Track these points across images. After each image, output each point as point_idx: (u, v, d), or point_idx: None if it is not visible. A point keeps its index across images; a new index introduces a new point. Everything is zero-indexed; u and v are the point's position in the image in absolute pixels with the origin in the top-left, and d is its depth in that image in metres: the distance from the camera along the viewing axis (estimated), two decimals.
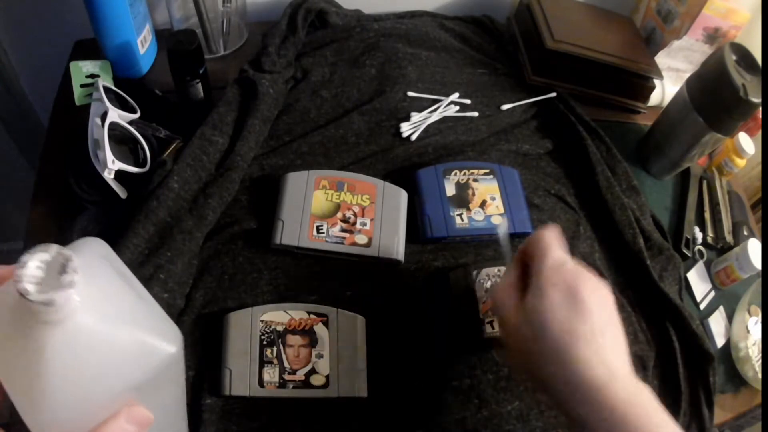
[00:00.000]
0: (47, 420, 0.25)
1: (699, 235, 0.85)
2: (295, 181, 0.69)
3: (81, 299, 0.24)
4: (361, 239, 0.67)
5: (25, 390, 0.25)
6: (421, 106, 0.85)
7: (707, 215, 0.89)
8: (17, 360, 0.25)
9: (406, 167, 0.78)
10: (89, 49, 0.82)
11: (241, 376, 0.56)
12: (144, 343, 0.27)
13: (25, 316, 0.24)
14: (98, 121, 0.65)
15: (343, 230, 0.67)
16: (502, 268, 0.66)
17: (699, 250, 0.85)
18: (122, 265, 0.30)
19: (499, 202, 0.74)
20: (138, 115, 0.70)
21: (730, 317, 0.81)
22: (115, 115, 0.66)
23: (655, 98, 0.97)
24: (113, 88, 0.71)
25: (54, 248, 0.24)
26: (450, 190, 0.73)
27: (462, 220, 0.72)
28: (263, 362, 0.57)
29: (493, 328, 0.62)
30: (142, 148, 0.68)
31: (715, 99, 0.79)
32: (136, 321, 0.27)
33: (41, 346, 0.25)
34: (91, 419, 0.25)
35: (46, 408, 0.25)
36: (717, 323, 0.79)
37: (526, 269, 0.48)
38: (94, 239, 0.31)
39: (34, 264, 0.24)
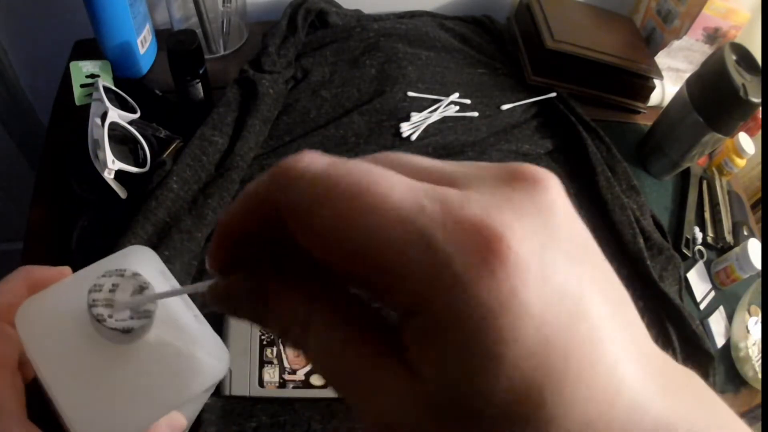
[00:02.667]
0: (93, 428, 0.25)
1: (699, 235, 0.85)
2: None
3: (152, 320, 0.25)
4: None
5: (75, 398, 0.25)
6: (421, 106, 0.85)
7: (707, 215, 0.89)
8: (72, 368, 0.25)
9: None
10: (89, 49, 0.82)
11: (241, 376, 0.56)
12: (201, 364, 0.28)
13: (89, 330, 0.25)
14: (98, 121, 0.65)
15: None
16: None
17: (699, 250, 0.85)
18: (174, 281, 0.30)
19: None
20: (138, 115, 0.70)
21: (730, 317, 0.80)
22: (115, 115, 0.66)
23: (655, 98, 0.97)
24: (113, 88, 0.71)
25: (128, 272, 0.25)
26: None
27: None
28: (263, 362, 0.57)
29: None
30: (142, 148, 0.68)
31: (715, 99, 0.79)
32: (194, 340, 0.28)
33: (99, 359, 0.25)
34: (137, 429, 0.26)
35: (95, 417, 0.25)
36: (717, 323, 0.79)
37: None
38: (146, 249, 0.31)
39: (108, 287, 0.24)
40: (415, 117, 0.83)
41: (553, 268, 0.14)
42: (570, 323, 0.14)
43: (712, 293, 0.82)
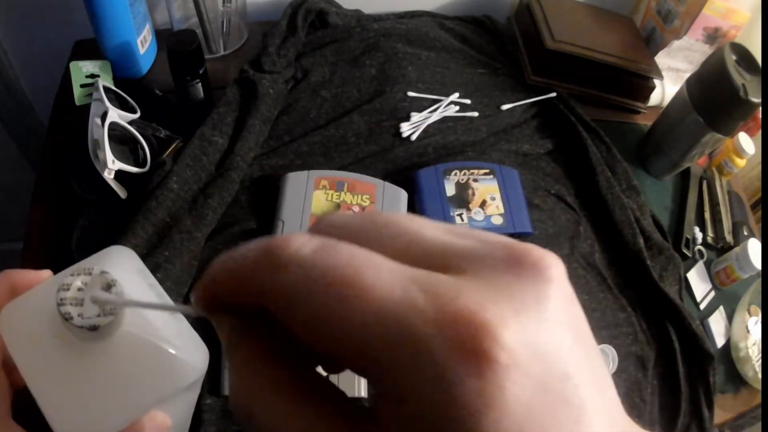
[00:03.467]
0: (75, 427, 0.25)
1: (699, 235, 0.85)
2: (295, 181, 0.69)
3: (121, 317, 0.25)
4: None
5: (56, 398, 0.25)
6: (421, 106, 0.85)
7: (707, 215, 0.89)
8: (50, 369, 0.26)
9: (406, 167, 0.78)
10: (89, 49, 0.82)
11: None
12: (176, 360, 0.28)
13: (64, 330, 0.25)
14: (98, 121, 0.65)
15: None
16: None
17: (699, 250, 0.85)
18: (153, 279, 0.30)
19: (499, 202, 0.74)
20: (138, 115, 0.70)
21: (730, 317, 0.80)
22: (115, 115, 0.66)
23: (655, 98, 0.97)
24: (113, 88, 0.71)
25: (96, 270, 0.25)
26: (450, 190, 0.73)
27: (462, 220, 0.72)
28: None
29: None
30: (142, 148, 0.68)
31: (715, 99, 0.79)
32: (169, 338, 0.28)
33: (75, 359, 0.26)
34: (116, 427, 0.26)
35: (76, 416, 0.25)
36: (717, 323, 0.79)
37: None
38: (125, 249, 0.31)
39: (77, 286, 0.24)
40: (415, 117, 0.83)
41: (545, 359, 0.14)
42: (558, 412, 0.14)
43: (712, 293, 0.82)
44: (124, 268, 0.28)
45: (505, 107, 0.89)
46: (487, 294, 0.14)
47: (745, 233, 0.88)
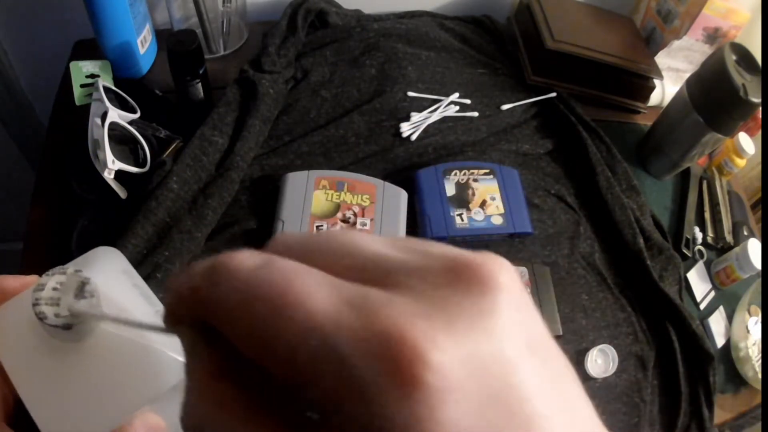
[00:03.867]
0: (63, 429, 0.25)
1: (699, 235, 0.85)
2: (295, 181, 0.69)
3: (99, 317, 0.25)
4: None
5: (43, 401, 0.25)
6: (421, 106, 0.85)
7: (707, 215, 0.89)
8: (36, 372, 0.26)
9: (406, 167, 0.78)
10: (89, 49, 0.82)
11: None
12: (162, 357, 0.27)
13: (44, 332, 0.25)
14: (98, 121, 0.65)
15: None
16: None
17: (699, 250, 0.85)
18: (139, 279, 0.30)
19: (499, 202, 0.74)
20: (138, 115, 0.70)
21: (730, 317, 0.80)
22: (115, 115, 0.66)
23: (655, 98, 0.97)
24: (113, 88, 0.71)
25: (70, 270, 0.25)
26: (450, 190, 0.73)
27: (462, 220, 0.72)
28: None
29: None
30: (142, 148, 0.68)
31: (715, 99, 0.79)
32: (154, 336, 0.28)
33: (60, 361, 0.26)
34: (106, 427, 0.26)
35: (65, 419, 0.25)
36: (717, 323, 0.79)
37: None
38: (111, 250, 0.31)
39: (51, 286, 0.24)
40: (415, 117, 0.83)
41: (486, 375, 0.13)
42: (506, 429, 0.13)
43: (712, 293, 0.82)
44: (107, 268, 0.29)
45: (505, 107, 0.89)
46: (420, 309, 0.13)
47: (745, 233, 0.88)
